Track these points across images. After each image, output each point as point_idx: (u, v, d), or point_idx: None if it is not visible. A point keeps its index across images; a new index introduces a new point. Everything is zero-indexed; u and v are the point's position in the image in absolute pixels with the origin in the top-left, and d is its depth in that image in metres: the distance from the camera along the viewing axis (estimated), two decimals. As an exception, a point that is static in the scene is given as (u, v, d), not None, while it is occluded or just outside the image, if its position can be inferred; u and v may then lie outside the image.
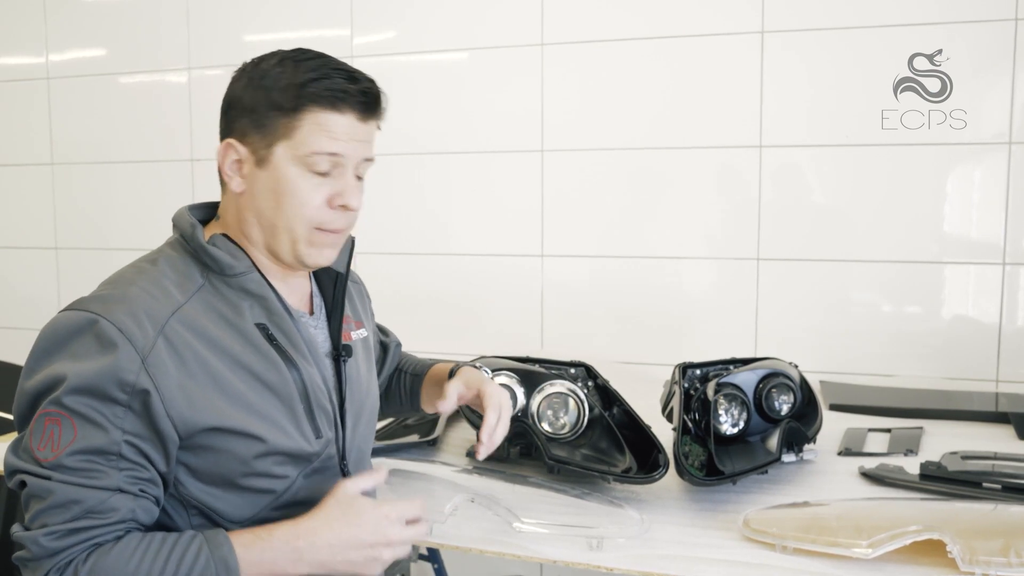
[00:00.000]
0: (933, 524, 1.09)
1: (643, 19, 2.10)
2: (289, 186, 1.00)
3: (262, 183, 1.01)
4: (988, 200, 1.92)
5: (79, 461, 0.91)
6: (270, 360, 1.01)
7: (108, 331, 0.92)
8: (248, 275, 1.02)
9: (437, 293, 2.30)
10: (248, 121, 1.01)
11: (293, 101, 0.98)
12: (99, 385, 0.91)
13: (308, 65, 1.00)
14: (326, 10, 2.34)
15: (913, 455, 1.51)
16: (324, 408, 1.06)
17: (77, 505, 0.90)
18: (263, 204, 1.02)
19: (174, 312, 0.97)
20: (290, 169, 1.00)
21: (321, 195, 1.01)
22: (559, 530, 1.22)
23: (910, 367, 2.00)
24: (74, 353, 0.93)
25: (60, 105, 2.64)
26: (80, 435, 0.91)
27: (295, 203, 1.00)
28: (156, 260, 1.03)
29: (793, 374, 1.55)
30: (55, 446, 0.91)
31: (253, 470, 0.99)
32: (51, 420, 0.92)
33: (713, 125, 2.07)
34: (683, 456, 1.35)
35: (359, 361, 1.17)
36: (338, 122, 1.00)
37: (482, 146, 2.26)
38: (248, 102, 1.01)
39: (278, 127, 0.99)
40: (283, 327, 1.04)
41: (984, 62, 1.90)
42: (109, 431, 0.92)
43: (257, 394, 1.00)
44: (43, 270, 2.70)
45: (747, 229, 2.07)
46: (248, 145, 1.01)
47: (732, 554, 1.15)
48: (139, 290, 0.97)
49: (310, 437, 1.04)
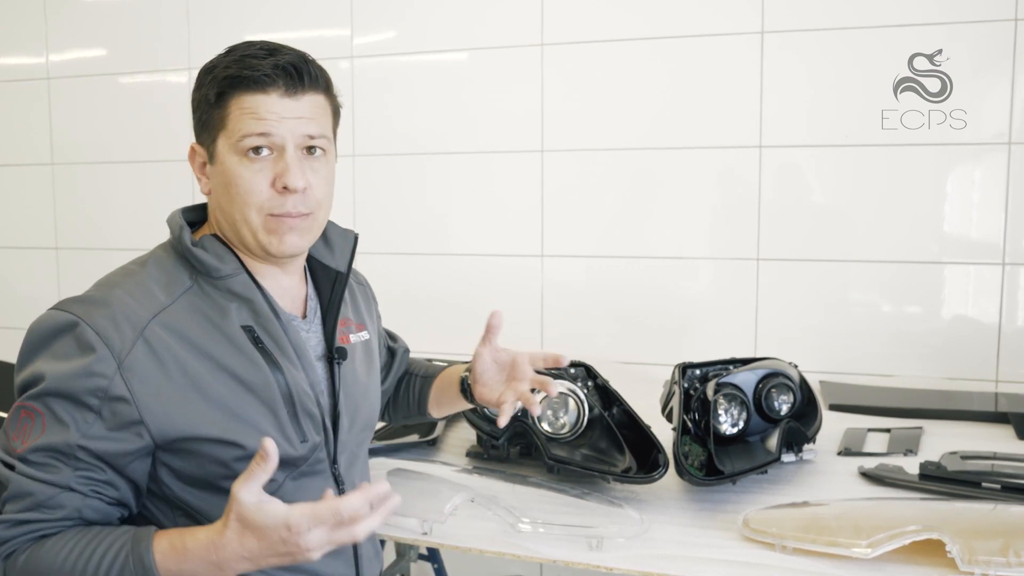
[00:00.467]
0: (932, 524, 1.09)
1: (643, 19, 2.10)
2: (233, 176, 1.00)
3: (216, 179, 1.03)
4: (988, 200, 1.92)
5: (40, 456, 0.94)
6: (254, 363, 1.01)
7: (87, 335, 0.94)
8: (235, 277, 1.02)
9: (437, 293, 2.30)
10: (196, 121, 1.04)
11: (218, 91, 1.00)
12: (72, 389, 0.93)
13: (233, 55, 1.01)
14: (326, 10, 2.34)
15: (913, 455, 1.51)
16: (310, 412, 1.05)
17: (29, 498, 0.93)
18: (221, 199, 1.03)
19: (156, 315, 0.97)
20: (231, 158, 1.00)
21: (263, 180, 1.00)
22: (559, 530, 1.22)
23: (910, 367, 2.00)
24: (55, 353, 0.95)
25: (60, 105, 2.64)
26: (47, 431, 0.94)
27: (241, 192, 1.00)
28: (146, 262, 1.04)
29: (793, 374, 1.55)
30: (24, 439, 0.94)
31: (233, 472, 0.98)
32: (26, 413, 0.95)
33: (713, 125, 2.07)
34: (683, 456, 1.35)
35: (356, 364, 1.16)
36: (262, 102, 0.98)
37: (482, 146, 2.26)
38: (194, 103, 1.04)
39: (214, 121, 1.01)
40: (270, 330, 1.03)
41: (984, 62, 1.90)
42: (71, 432, 0.93)
43: (238, 397, 0.99)
44: (43, 270, 2.70)
45: (747, 229, 2.07)
46: (202, 144, 1.04)
47: (732, 554, 1.15)
48: (122, 292, 0.98)
49: (294, 441, 1.03)
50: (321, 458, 1.07)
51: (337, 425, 1.10)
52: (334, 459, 1.09)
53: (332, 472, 1.09)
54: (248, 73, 0.98)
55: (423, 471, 1.46)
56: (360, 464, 1.18)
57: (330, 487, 1.08)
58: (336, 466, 1.10)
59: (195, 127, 1.05)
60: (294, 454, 1.03)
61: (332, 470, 1.09)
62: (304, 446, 1.04)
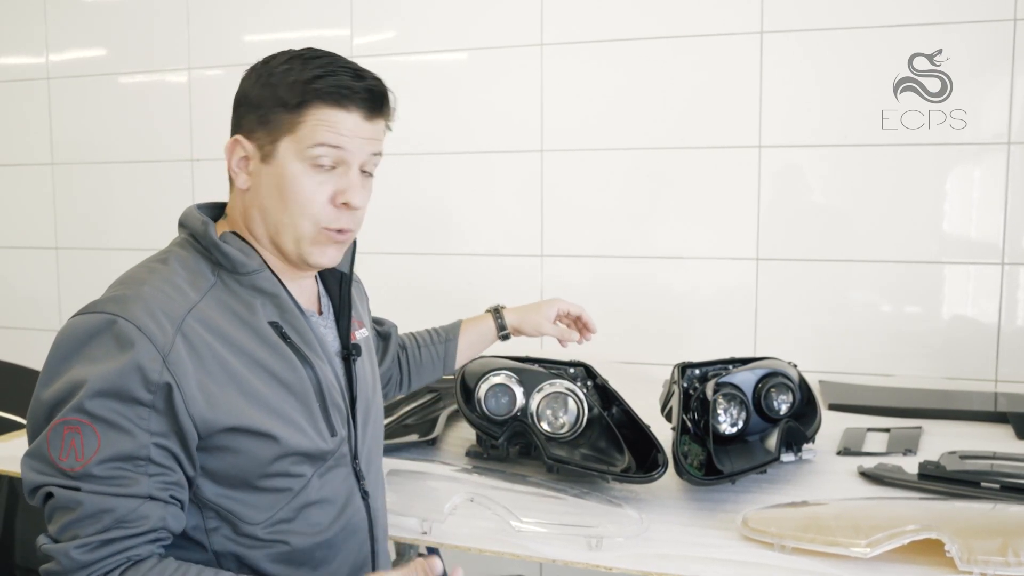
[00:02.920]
0: (931, 524, 1.09)
1: (642, 19, 2.10)
2: (293, 182, 1.00)
3: (267, 179, 1.01)
4: (987, 200, 1.92)
5: (108, 469, 0.88)
6: (285, 358, 1.01)
7: (127, 330, 0.90)
8: (260, 273, 1.02)
9: (436, 293, 2.30)
10: (255, 118, 1.01)
11: (298, 97, 0.98)
12: (122, 386, 0.89)
13: (315, 63, 1.00)
14: (326, 10, 2.34)
15: (912, 455, 1.51)
16: (338, 406, 1.07)
17: (108, 515, 0.88)
18: (268, 201, 1.02)
19: (190, 310, 0.95)
20: (294, 165, 1.00)
21: (325, 193, 1.01)
22: (558, 529, 1.22)
23: (909, 367, 2.00)
24: (92, 356, 0.90)
25: (60, 105, 2.64)
26: (105, 442, 0.88)
27: (299, 200, 1.00)
28: (167, 259, 1.02)
29: (792, 374, 1.55)
30: (79, 455, 0.88)
31: (271, 471, 0.98)
32: (71, 428, 0.88)
33: (713, 125, 2.07)
34: (682, 456, 1.35)
35: (365, 360, 1.17)
36: (342, 119, 1.00)
37: (482, 146, 2.26)
38: (255, 99, 1.01)
39: (283, 123, 0.99)
40: (296, 325, 1.04)
41: (984, 62, 1.90)
42: (136, 435, 0.90)
43: (275, 393, 0.99)
44: (43, 270, 2.70)
45: (746, 229, 2.07)
46: (254, 141, 1.01)
47: (731, 553, 1.15)
48: (153, 289, 0.96)
49: (325, 435, 1.04)
50: (345, 452, 1.08)
51: (356, 420, 1.10)
52: (355, 454, 1.10)
53: (353, 468, 1.10)
54: (338, 90, 0.99)
55: (422, 470, 1.46)
56: (376, 462, 1.19)
57: (352, 482, 1.09)
58: (357, 461, 1.10)
59: (245, 122, 1.02)
60: (325, 448, 1.04)
61: (354, 465, 1.10)
62: (334, 440, 1.05)
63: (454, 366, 1.55)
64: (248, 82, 1.03)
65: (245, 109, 1.02)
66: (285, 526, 1.01)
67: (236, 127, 1.04)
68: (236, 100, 1.04)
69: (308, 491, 1.03)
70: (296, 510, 1.02)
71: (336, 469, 1.07)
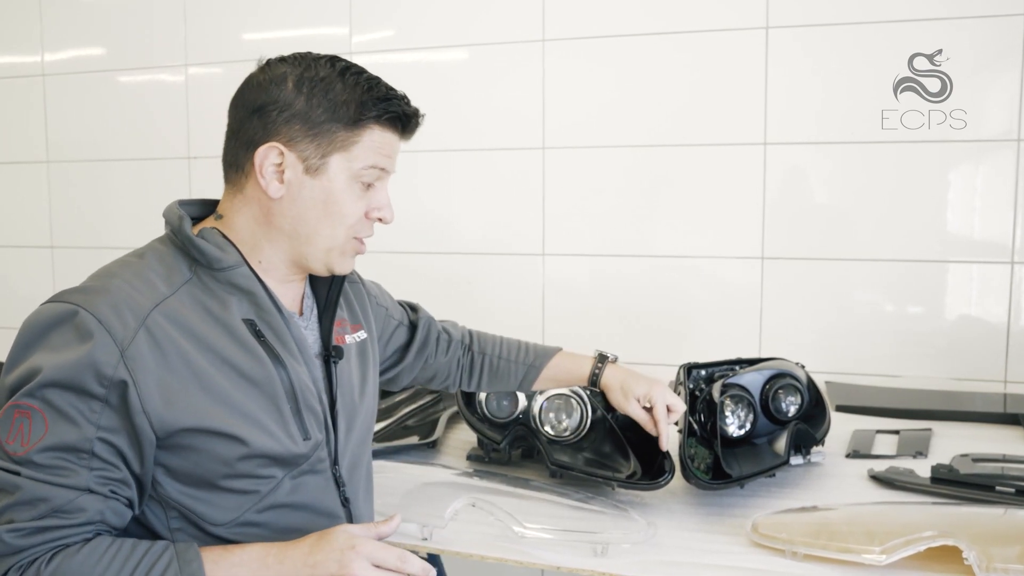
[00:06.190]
0: (947, 529, 1.06)
1: (646, 15, 2.07)
2: (339, 197, 1.02)
3: (309, 191, 1.01)
4: (996, 198, 1.90)
5: (49, 458, 0.89)
6: (256, 356, 0.99)
7: (87, 322, 0.90)
8: (236, 269, 1.00)
9: (437, 292, 2.27)
10: (301, 128, 0.99)
11: (356, 116, 1.00)
12: (75, 377, 0.89)
13: (367, 83, 1.02)
14: (324, 8, 2.32)
15: (923, 457, 1.48)
16: (313, 409, 1.04)
17: (44, 503, 0.88)
18: (306, 211, 1.02)
19: (157, 304, 0.94)
20: (343, 180, 1.02)
21: (362, 207, 1.04)
22: (563, 535, 1.20)
23: (916, 367, 1.97)
24: (52, 345, 0.91)
25: (56, 103, 2.62)
26: (51, 430, 0.89)
27: (342, 213, 1.03)
28: (144, 254, 1.01)
29: (800, 375, 1.53)
30: (24, 440, 0.89)
31: (235, 472, 0.96)
32: (21, 412, 0.90)
33: (717, 122, 2.05)
34: (689, 459, 1.32)
35: (351, 364, 1.14)
36: (391, 141, 1.05)
37: (483, 144, 2.23)
38: (301, 109, 0.99)
39: (338, 138, 1.00)
40: (273, 324, 1.02)
41: (987, 59, 1.87)
42: (82, 427, 0.89)
43: (241, 392, 0.97)
44: (39, 269, 2.68)
45: (751, 228, 2.04)
46: (297, 152, 1.00)
47: (740, 560, 1.12)
48: (122, 282, 0.95)
49: (296, 438, 1.01)
50: (323, 457, 1.05)
51: (336, 424, 1.08)
52: (335, 460, 1.07)
53: (333, 473, 1.07)
54: (397, 117, 1.03)
55: (423, 474, 1.44)
56: (364, 471, 1.16)
57: (331, 488, 1.06)
58: (337, 467, 1.08)
59: (286, 130, 0.99)
60: (296, 451, 1.01)
61: (333, 471, 1.07)
62: (307, 444, 1.02)
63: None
64: (285, 88, 1.00)
65: (287, 117, 0.99)
66: (253, 529, 0.99)
67: (270, 133, 1.00)
68: (261, 102, 1.00)
69: (277, 494, 1.01)
70: (263, 512, 1.00)
71: (312, 474, 1.04)
